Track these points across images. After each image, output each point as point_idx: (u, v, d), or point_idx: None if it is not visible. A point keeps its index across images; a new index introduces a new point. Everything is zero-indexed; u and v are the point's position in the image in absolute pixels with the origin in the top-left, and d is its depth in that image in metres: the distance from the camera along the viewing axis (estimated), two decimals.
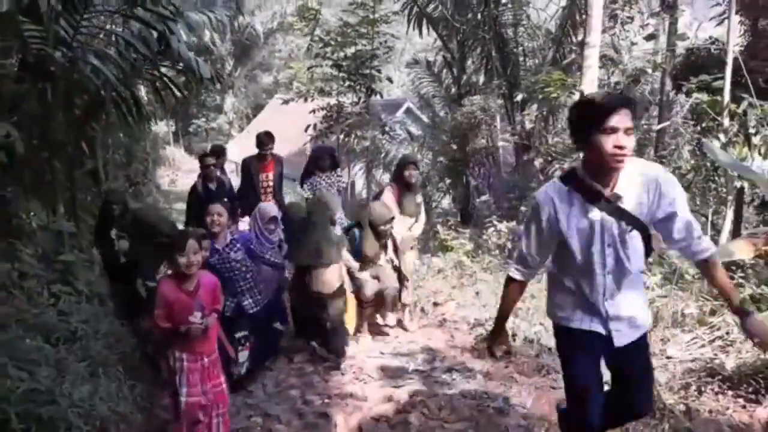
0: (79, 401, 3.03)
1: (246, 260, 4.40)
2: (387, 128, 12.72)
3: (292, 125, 21.16)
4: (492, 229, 8.53)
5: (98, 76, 5.15)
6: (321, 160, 6.67)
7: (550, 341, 4.67)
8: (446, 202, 14.34)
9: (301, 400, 4.15)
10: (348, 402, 4.07)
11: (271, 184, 6.84)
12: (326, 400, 4.12)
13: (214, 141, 35.25)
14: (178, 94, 6.30)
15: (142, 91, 8.91)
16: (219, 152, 8.14)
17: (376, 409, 3.93)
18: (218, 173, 7.26)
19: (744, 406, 3.43)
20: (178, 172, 28.37)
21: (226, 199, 6.31)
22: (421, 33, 14.32)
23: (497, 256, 7.65)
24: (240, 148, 26.26)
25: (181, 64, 5.75)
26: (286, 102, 12.84)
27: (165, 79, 5.90)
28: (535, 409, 3.82)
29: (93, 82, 5.20)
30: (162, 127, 27.15)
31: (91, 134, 6.31)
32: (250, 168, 6.86)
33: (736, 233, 8.68)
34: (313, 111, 11.93)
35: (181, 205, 19.12)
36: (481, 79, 14.64)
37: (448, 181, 13.72)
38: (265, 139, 6.71)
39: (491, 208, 11.18)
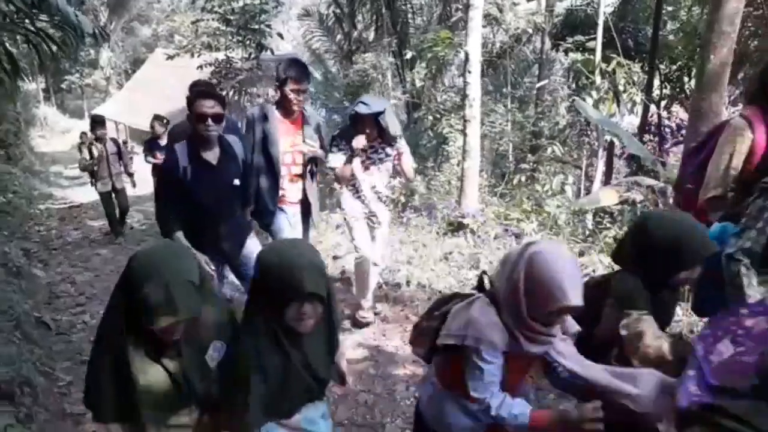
0: None
1: None
2: None
3: (176, 81, 20.29)
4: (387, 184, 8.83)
5: None
6: (362, 122, 3.96)
7: (440, 285, 5.07)
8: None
9: None
10: None
11: (299, 160, 4.00)
12: None
13: (89, 99, 33.11)
14: (55, 49, 5.93)
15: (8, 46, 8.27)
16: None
17: None
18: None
19: None
20: (51, 132, 26.53)
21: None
22: None
23: (392, 211, 7.98)
24: (121, 106, 24.88)
25: (57, 17, 5.42)
26: (171, 57, 12.30)
27: (42, 34, 5.53)
28: None
29: None
30: (31, 84, 25.01)
31: None
32: (259, 127, 3.90)
33: (607, 183, 9.58)
34: (201, 67, 11.55)
35: (58, 168, 18.10)
36: (372, 35, 14.76)
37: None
38: (298, 74, 3.74)
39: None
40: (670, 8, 13.17)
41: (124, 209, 7.95)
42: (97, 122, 7.68)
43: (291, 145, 3.91)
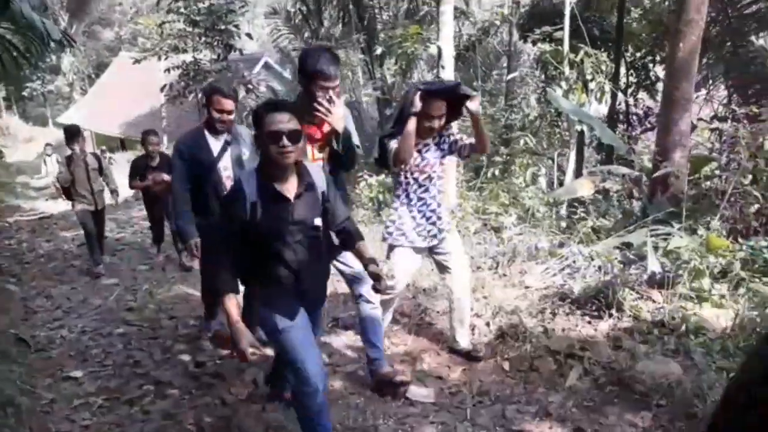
0: None
1: None
2: (251, 86, 12.46)
3: (142, 85, 19.97)
4: (363, 183, 8.82)
5: None
6: (428, 107, 3.38)
7: (423, 282, 5.08)
8: None
9: (192, 364, 4.20)
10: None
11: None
12: (218, 361, 4.21)
13: (53, 106, 32.37)
14: (19, 56, 5.79)
15: None
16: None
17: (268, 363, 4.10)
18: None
19: (590, 322, 4.01)
20: (14, 141, 25.90)
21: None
22: None
23: (370, 209, 7.97)
24: (86, 112, 24.39)
25: (20, 24, 5.27)
26: (137, 61, 12.08)
27: (5, 42, 5.38)
28: (415, 344, 4.19)
29: None
30: None
31: None
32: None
33: (578, 172, 9.69)
34: (168, 70, 11.39)
35: (24, 179, 17.65)
36: (338, 31, 14.70)
37: None
38: (329, 69, 3.02)
39: (359, 163, 11.48)
40: None
41: (100, 231, 7.05)
42: (74, 134, 6.55)
43: (312, 158, 3.22)
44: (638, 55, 13.36)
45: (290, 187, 2.54)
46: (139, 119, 22.18)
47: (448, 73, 6.48)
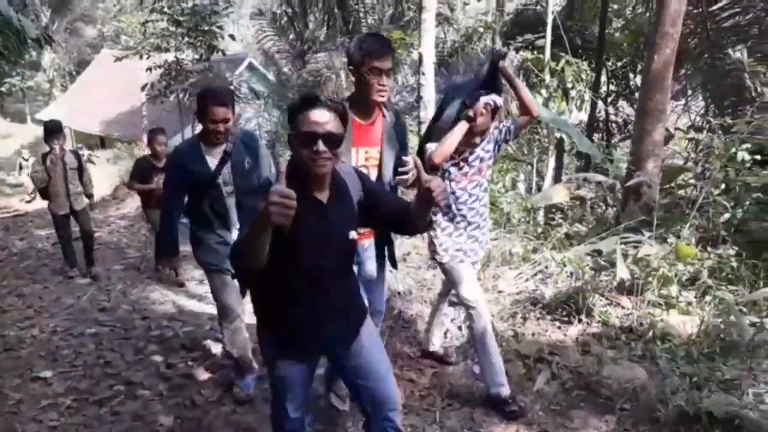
0: None
1: None
2: (233, 87, 12.43)
3: (124, 83, 19.82)
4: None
5: None
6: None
7: (399, 286, 5.10)
8: None
9: (164, 365, 4.18)
10: (212, 361, 4.18)
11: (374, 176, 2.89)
12: (189, 363, 4.19)
13: (32, 102, 31.97)
14: None
15: None
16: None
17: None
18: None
19: (559, 327, 4.06)
20: None
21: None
22: None
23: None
24: (66, 109, 24.12)
25: None
26: (119, 59, 12.01)
27: None
28: (387, 347, 4.21)
29: None
30: None
31: None
32: None
33: (557, 179, 9.79)
34: (150, 69, 11.33)
35: (0, 176, 17.41)
36: (323, 34, 14.74)
37: None
38: (380, 47, 2.68)
39: None
40: (615, 6, 13.53)
41: (87, 234, 6.51)
42: (54, 131, 6.14)
43: (366, 158, 2.83)
44: (619, 64, 13.54)
45: (323, 192, 2.18)
46: (119, 117, 22.01)
47: (429, 80, 6.54)
